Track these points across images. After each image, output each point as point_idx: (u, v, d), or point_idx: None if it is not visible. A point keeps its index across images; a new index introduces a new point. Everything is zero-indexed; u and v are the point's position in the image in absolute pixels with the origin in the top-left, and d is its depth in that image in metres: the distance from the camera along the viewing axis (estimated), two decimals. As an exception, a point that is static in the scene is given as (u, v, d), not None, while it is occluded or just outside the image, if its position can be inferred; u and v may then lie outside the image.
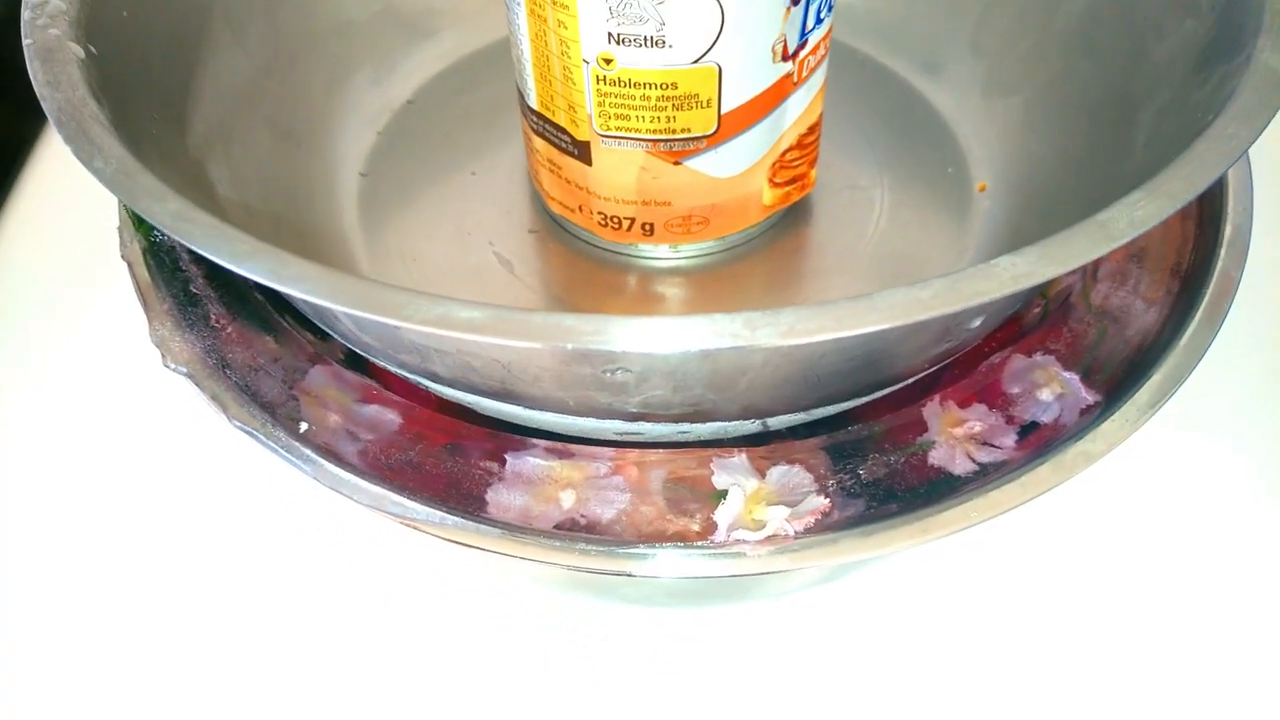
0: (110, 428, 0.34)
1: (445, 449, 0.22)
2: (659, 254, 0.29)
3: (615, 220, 0.27)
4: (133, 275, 0.24)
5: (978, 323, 0.20)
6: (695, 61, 0.23)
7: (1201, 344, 0.23)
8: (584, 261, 0.29)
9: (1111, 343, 0.24)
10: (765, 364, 0.18)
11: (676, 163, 0.26)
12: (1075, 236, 0.17)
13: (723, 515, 0.20)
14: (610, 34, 0.23)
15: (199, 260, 0.24)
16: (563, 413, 0.21)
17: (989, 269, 0.16)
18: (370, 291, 0.16)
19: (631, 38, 0.23)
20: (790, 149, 0.27)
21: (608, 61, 0.24)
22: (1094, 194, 0.24)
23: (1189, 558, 0.30)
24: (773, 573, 0.20)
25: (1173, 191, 0.17)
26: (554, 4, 0.23)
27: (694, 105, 0.24)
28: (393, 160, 0.31)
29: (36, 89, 0.20)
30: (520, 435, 0.22)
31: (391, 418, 0.22)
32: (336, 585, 0.30)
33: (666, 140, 0.25)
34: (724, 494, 0.21)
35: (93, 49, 0.21)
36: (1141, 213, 0.17)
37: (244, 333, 0.23)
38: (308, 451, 0.21)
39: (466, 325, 0.16)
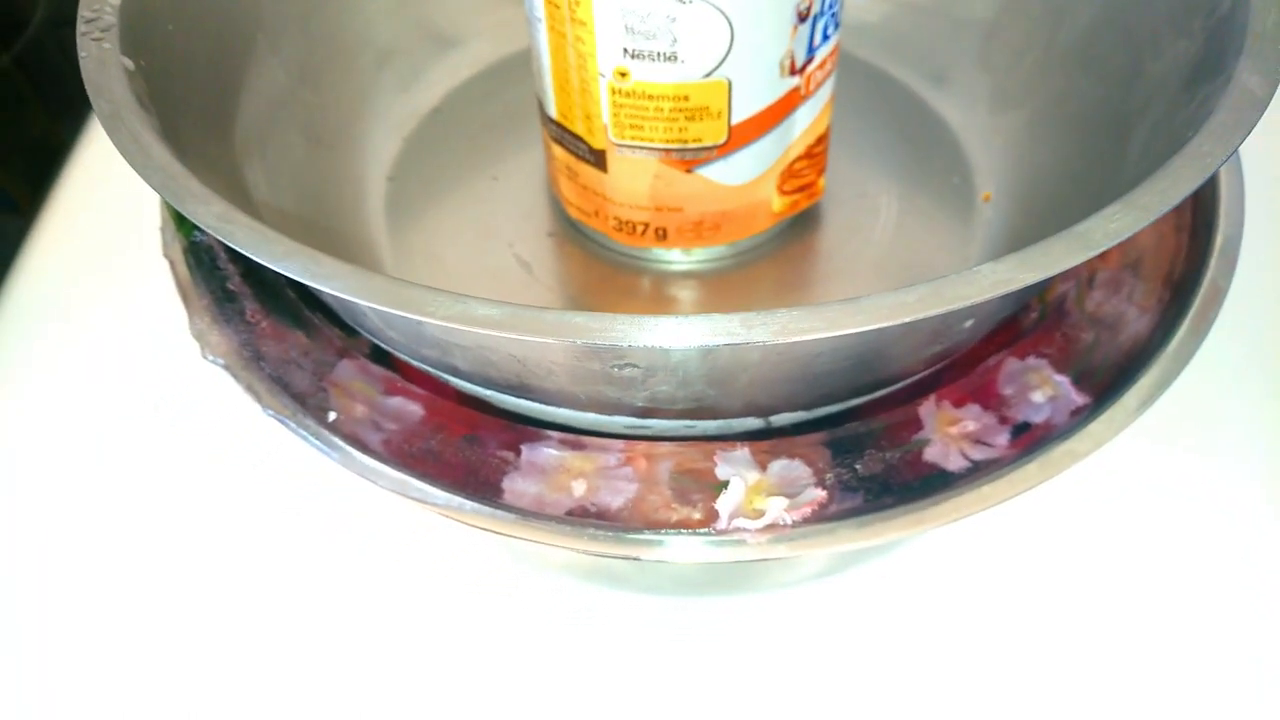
0: (150, 413, 0.35)
1: (464, 439, 0.23)
2: (672, 258, 0.30)
3: (630, 225, 0.29)
4: (174, 272, 0.26)
5: (969, 324, 0.21)
6: (706, 76, 0.25)
7: (1188, 351, 0.23)
8: (600, 264, 0.30)
9: (1104, 348, 0.24)
10: (763, 361, 0.20)
11: (688, 171, 0.27)
12: (1054, 245, 0.18)
13: (724, 504, 0.22)
14: (625, 49, 0.24)
15: (236, 259, 0.26)
16: (575, 408, 0.22)
17: (971, 275, 0.17)
18: (396, 289, 0.18)
19: (646, 53, 0.24)
20: (799, 158, 0.28)
21: (623, 75, 0.25)
22: (1091, 206, 0.25)
23: (1191, 562, 0.31)
24: (772, 559, 0.21)
25: (1147, 204, 0.18)
26: (573, 21, 0.24)
27: (705, 116, 0.26)
28: (419, 165, 0.33)
29: (91, 98, 0.21)
30: (536, 428, 0.23)
31: (414, 409, 0.23)
32: (360, 574, 0.31)
33: (679, 149, 0.26)
34: (726, 484, 0.22)
35: (142, 62, 0.23)
36: (1116, 224, 0.18)
37: (277, 328, 0.24)
38: (335, 439, 0.23)
39: (484, 321, 0.17)
